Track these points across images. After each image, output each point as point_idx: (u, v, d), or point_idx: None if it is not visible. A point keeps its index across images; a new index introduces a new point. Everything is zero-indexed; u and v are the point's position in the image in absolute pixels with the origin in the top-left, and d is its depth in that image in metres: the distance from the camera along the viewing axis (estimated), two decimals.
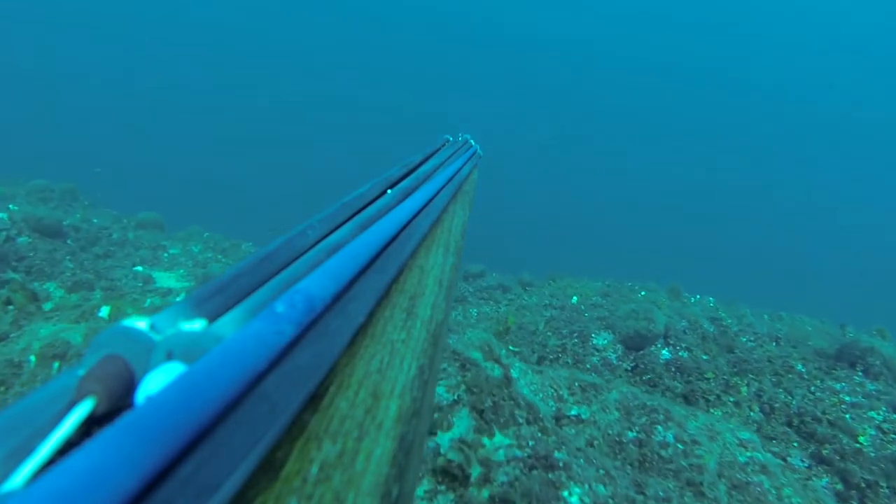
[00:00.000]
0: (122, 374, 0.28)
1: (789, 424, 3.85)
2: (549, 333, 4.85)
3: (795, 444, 3.65)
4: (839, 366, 4.42)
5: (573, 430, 3.07)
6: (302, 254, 0.51)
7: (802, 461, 3.39)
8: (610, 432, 3.09)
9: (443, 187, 0.98)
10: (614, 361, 4.45)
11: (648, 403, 3.29)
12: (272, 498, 0.28)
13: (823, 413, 3.86)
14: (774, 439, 3.70)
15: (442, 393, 2.64)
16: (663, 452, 2.98)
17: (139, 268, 6.20)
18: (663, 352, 4.57)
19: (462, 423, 2.49)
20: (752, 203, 39.43)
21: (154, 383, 0.28)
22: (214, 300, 0.38)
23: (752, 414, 3.94)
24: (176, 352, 0.31)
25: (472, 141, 1.82)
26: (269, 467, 0.29)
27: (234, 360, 0.29)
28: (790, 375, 4.32)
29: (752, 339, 4.90)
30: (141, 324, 0.32)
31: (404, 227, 0.69)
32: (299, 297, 0.38)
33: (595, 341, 4.66)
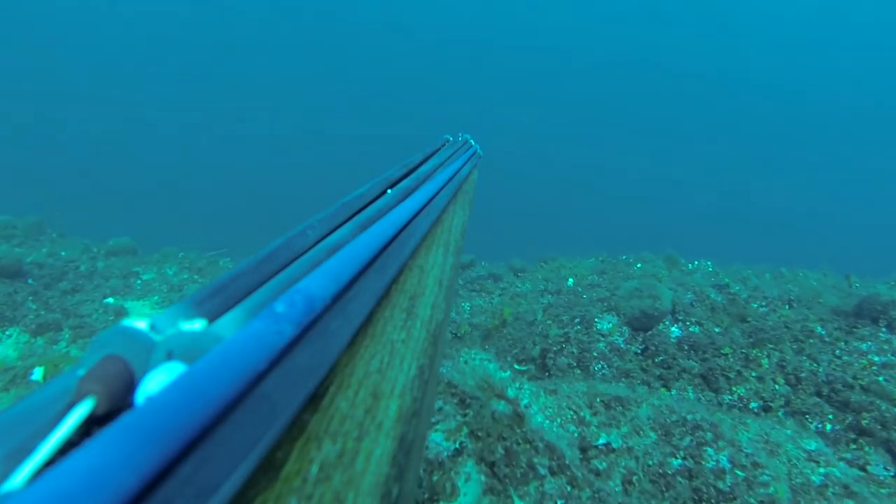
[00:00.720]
0: (122, 374, 0.28)
1: (819, 394, 3.56)
2: (548, 322, 4.56)
3: (830, 417, 3.39)
4: (860, 323, 4.13)
5: (604, 464, 2.57)
6: (302, 254, 0.51)
7: (886, 469, 3.02)
8: (650, 462, 2.59)
9: (443, 187, 0.98)
10: (622, 346, 4.20)
11: (689, 418, 2.84)
12: (272, 498, 0.28)
13: (854, 378, 3.57)
14: (807, 414, 3.42)
15: (440, 441, 2.21)
16: (721, 484, 2.50)
17: (110, 300, 5.88)
18: (672, 329, 4.31)
19: (470, 488, 2.03)
20: (728, 166, 39.44)
21: (154, 383, 0.28)
22: (214, 300, 0.38)
23: (777, 387, 3.66)
24: (176, 352, 0.31)
25: (472, 141, 1.83)
26: (269, 467, 0.29)
27: (233, 360, 0.29)
28: (811, 340, 4.02)
29: (763, 304, 4.60)
30: (141, 324, 0.33)
31: (404, 227, 0.69)
32: (299, 297, 0.38)
33: (599, 326, 4.39)
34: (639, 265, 6.12)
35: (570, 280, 5.71)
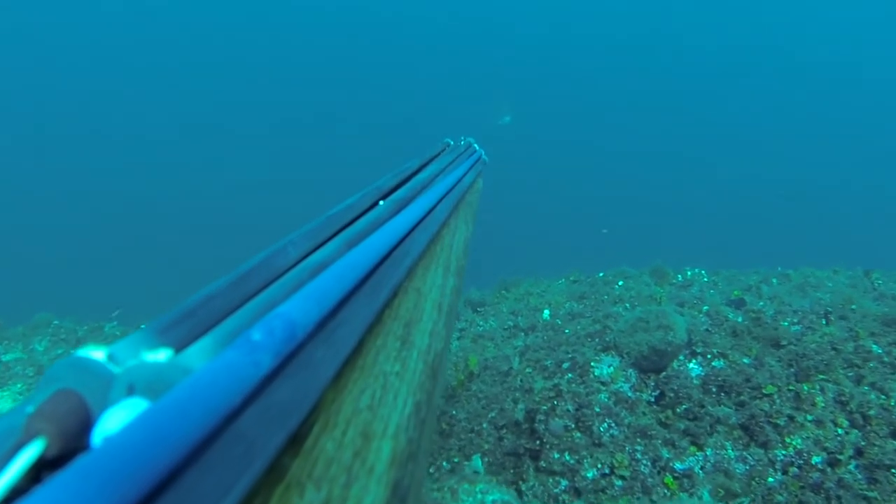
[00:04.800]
0: (76, 411, 0.29)
1: None
2: (528, 371, 4.16)
3: None
4: None
5: None
6: (282, 274, 0.51)
7: None
8: None
9: (442, 198, 0.99)
10: (630, 395, 3.79)
11: None
12: None
13: None
14: (892, 467, 2.98)
15: None
16: None
17: None
18: (690, 366, 3.92)
19: None
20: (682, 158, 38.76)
21: (113, 422, 0.28)
22: (182, 327, 0.38)
23: (840, 431, 3.27)
24: (138, 386, 0.31)
25: (475, 145, 1.84)
26: None
27: (204, 395, 0.30)
28: (871, 364, 3.61)
29: (795, 321, 4.24)
30: (98, 354, 0.33)
31: (398, 244, 0.69)
32: (279, 322, 0.39)
33: (597, 371, 3.96)
34: (620, 282, 5.92)
35: (546, 312, 5.43)
